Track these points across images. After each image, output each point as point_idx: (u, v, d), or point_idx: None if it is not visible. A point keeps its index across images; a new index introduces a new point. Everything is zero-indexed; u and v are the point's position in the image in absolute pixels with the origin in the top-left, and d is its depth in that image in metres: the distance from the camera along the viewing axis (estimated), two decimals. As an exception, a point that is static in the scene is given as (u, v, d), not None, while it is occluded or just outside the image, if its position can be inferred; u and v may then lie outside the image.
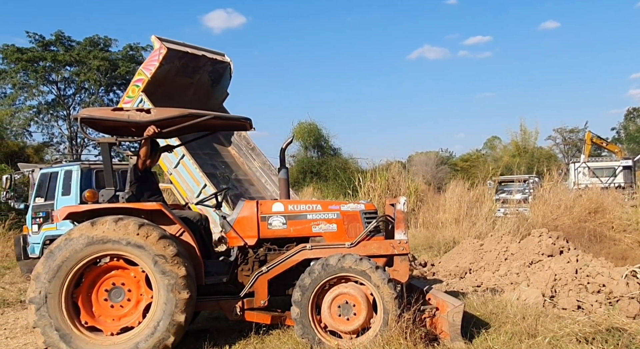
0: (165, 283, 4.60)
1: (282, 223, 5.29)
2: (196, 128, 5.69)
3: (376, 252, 5.24)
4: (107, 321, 4.71)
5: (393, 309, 4.75)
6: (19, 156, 23.32)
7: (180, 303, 4.60)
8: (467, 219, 12.64)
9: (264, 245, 5.32)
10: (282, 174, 5.75)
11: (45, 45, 30.12)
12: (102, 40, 31.63)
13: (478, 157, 40.90)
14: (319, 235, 5.33)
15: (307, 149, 30.67)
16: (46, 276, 4.50)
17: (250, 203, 5.35)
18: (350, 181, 19.07)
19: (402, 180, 18.04)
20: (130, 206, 4.96)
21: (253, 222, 5.26)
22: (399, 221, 5.30)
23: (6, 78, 29.37)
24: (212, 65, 11.94)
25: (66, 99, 31.59)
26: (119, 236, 4.58)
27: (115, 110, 5.00)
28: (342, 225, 5.35)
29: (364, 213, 5.42)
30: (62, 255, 4.53)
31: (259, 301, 5.13)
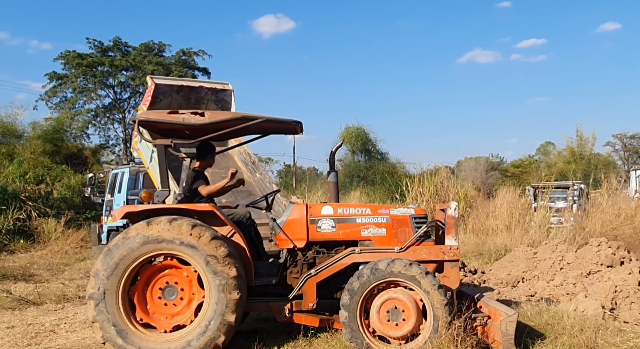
0: (216, 283, 4.67)
1: (331, 227, 5.29)
2: (249, 132, 5.74)
3: (426, 257, 5.16)
4: (160, 318, 4.82)
5: (443, 316, 4.66)
6: (77, 157, 24.30)
7: (231, 303, 4.66)
8: (519, 226, 12.27)
9: (312, 248, 5.32)
10: (332, 177, 5.74)
11: (104, 51, 31.38)
12: (157, 45, 32.68)
13: (530, 162, 39.71)
14: (367, 238, 5.30)
15: (354, 153, 30.64)
16: (105, 273, 4.65)
17: (300, 206, 5.38)
18: (398, 186, 18.90)
19: (450, 186, 17.74)
20: (184, 206, 5.07)
21: (302, 225, 5.28)
22: (449, 226, 5.21)
23: (67, 83, 30.74)
24: (215, 94, 12.11)
25: (122, 103, 32.77)
26: (173, 236, 4.68)
27: (171, 113, 5.11)
28: (392, 230, 5.30)
29: (414, 218, 5.37)
30: (119, 253, 4.67)
31: (308, 304, 5.13)
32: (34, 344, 5.62)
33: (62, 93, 31.11)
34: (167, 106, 10.92)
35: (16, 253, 12.99)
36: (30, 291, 8.47)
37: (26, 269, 10.60)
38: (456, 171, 23.84)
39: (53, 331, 6.13)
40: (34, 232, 14.48)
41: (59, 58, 30.63)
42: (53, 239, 14.40)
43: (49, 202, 16.41)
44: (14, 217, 14.15)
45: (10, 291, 8.13)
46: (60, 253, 13.42)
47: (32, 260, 12.00)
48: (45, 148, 21.96)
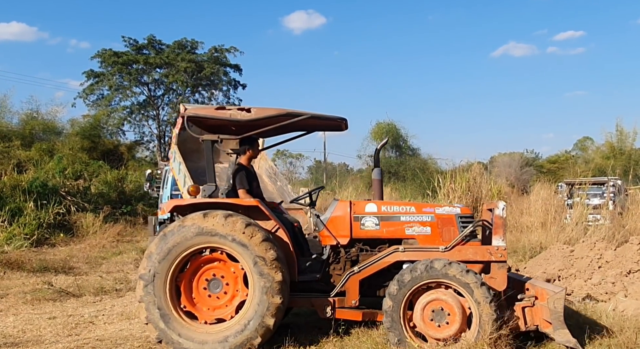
0: (261, 285, 4.72)
1: (375, 224, 5.27)
2: (294, 128, 5.77)
3: (472, 258, 5.08)
4: (203, 309, 4.92)
5: (489, 329, 4.56)
6: (113, 153, 24.87)
7: (272, 307, 4.71)
8: (555, 223, 12.00)
9: (356, 245, 5.32)
10: (376, 174, 5.72)
11: (139, 49, 32.00)
12: (189, 42, 33.12)
13: (567, 158, 38.69)
14: (412, 237, 5.26)
15: (385, 149, 30.44)
16: (157, 257, 4.77)
17: (344, 203, 5.40)
18: (430, 182, 18.71)
19: (483, 182, 17.43)
20: (230, 201, 5.15)
21: (346, 222, 5.28)
22: (497, 226, 5.10)
23: (104, 81, 31.47)
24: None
25: (156, 100, 33.38)
26: (227, 232, 4.76)
27: (218, 108, 5.21)
28: (437, 228, 5.24)
29: (460, 217, 5.28)
30: (173, 240, 4.78)
31: (350, 301, 5.12)
32: (74, 335, 5.78)
33: (99, 91, 31.88)
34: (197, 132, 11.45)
35: (56, 247, 13.38)
36: (70, 283, 8.73)
37: (66, 262, 10.91)
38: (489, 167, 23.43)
39: (92, 323, 6.31)
40: (72, 226, 14.89)
41: (96, 56, 31.43)
42: (91, 233, 14.78)
43: (87, 197, 16.84)
44: (55, 211, 14.57)
45: (51, 283, 8.39)
46: (98, 247, 13.77)
47: (71, 253, 12.35)
48: (83, 145, 22.55)
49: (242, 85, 35.11)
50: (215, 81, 33.72)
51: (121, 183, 19.40)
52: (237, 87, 34.96)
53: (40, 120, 23.56)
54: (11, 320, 6.42)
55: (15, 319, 6.45)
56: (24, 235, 12.61)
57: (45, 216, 14.18)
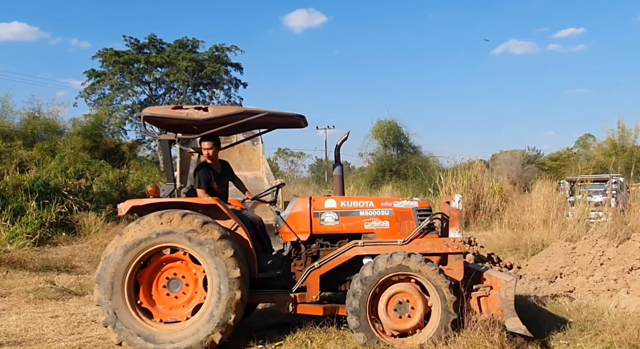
0: (219, 282, 4.74)
1: (334, 220, 5.32)
2: (253, 126, 5.80)
3: (429, 250, 5.17)
4: (160, 307, 4.92)
5: (451, 317, 4.72)
6: (115, 153, 24.83)
7: (232, 303, 4.73)
8: (556, 221, 11.99)
9: (316, 241, 5.37)
10: (337, 171, 5.75)
11: (140, 48, 32.04)
12: (190, 41, 33.15)
13: (569, 155, 38.67)
14: (371, 231, 5.32)
15: (386, 147, 30.48)
16: (114, 258, 4.76)
17: (304, 199, 5.44)
18: (431, 180, 18.71)
19: (485, 179, 17.46)
20: (188, 200, 5.15)
21: (306, 218, 5.33)
22: (453, 219, 5.20)
23: (105, 80, 31.52)
24: None
25: (157, 99, 33.39)
26: (183, 231, 4.77)
27: (175, 108, 5.22)
28: (395, 222, 5.31)
29: (417, 211, 5.37)
30: (130, 240, 4.78)
31: (311, 296, 5.19)
32: (77, 334, 5.80)
33: (100, 90, 31.96)
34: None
35: (59, 246, 13.38)
36: (72, 282, 8.74)
37: (68, 261, 10.92)
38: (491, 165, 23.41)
39: (94, 321, 6.31)
40: (75, 225, 14.89)
41: (97, 56, 31.51)
42: (93, 232, 14.77)
43: (88, 196, 16.82)
44: (57, 211, 14.58)
45: (53, 282, 8.39)
46: (100, 246, 13.75)
47: (73, 252, 12.35)
48: (84, 144, 22.54)
49: (243, 84, 35.20)
50: (217, 80, 33.75)
51: (123, 183, 19.36)
52: (238, 86, 35.05)
53: (42, 119, 23.55)
54: (14, 319, 6.43)
55: (17, 318, 6.47)
56: (26, 235, 12.61)
57: (48, 216, 14.18)
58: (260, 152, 13.18)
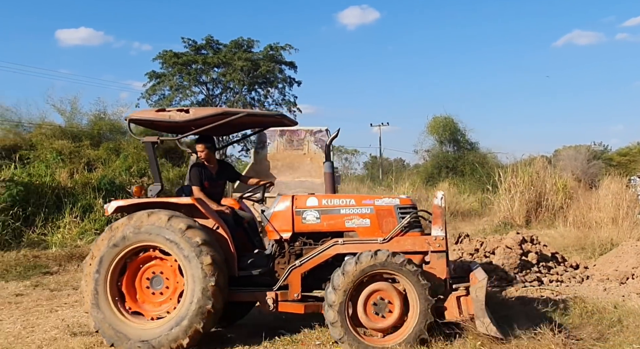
0: (192, 271, 4.82)
1: (316, 218, 5.31)
2: (237, 127, 5.90)
3: (410, 248, 5.09)
4: (149, 307, 5.07)
5: (427, 317, 4.65)
6: (174, 152, 25.60)
7: (207, 290, 4.79)
8: (627, 219, 11.38)
9: (299, 239, 5.36)
10: (327, 168, 5.74)
11: (197, 49, 32.88)
12: (246, 41, 33.69)
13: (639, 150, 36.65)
14: (352, 229, 5.30)
15: (442, 144, 29.94)
16: (93, 267, 4.98)
17: (286, 198, 5.44)
18: (490, 177, 18.22)
19: (547, 176, 16.81)
20: (167, 200, 5.25)
21: (288, 216, 5.33)
22: (436, 216, 5.09)
23: (165, 81, 32.56)
24: (312, 135, 13.83)
25: (214, 99, 34.17)
26: (151, 228, 4.92)
27: (159, 111, 5.36)
28: (376, 220, 5.25)
29: (399, 208, 5.28)
30: (103, 246, 4.99)
31: (293, 294, 5.16)
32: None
33: (160, 91, 32.98)
34: (274, 148, 13.63)
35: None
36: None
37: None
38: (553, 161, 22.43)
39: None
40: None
41: (157, 58, 32.56)
42: (155, 228, 15.30)
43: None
44: (122, 208, 15.20)
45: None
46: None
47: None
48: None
49: (298, 82, 35.43)
50: (271, 79, 34.14)
51: (182, 181, 19.97)
52: (293, 84, 35.30)
53: (107, 120, 24.57)
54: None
55: (89, 310, 6.77)
56: (94, 230, 13.22)
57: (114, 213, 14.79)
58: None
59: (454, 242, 9.28)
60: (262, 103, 34.69)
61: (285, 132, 13.79)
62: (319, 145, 13.53)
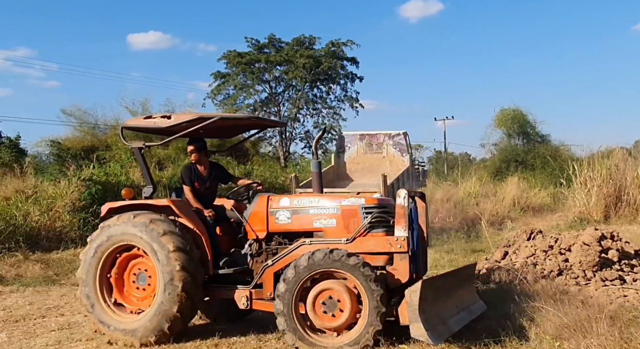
0: (164, 274, 5.08)
1: (287, 218, 5.39)
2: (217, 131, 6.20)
3: (373, 249, 5.05)
4: (133, 300, 5.41)
5: (377, 318, 4.58)
6: (239, 150, 26.18)
7: (175, 294, 5.03)
8: None
9: (274, 238, 5.45)
10: (314, 167, 5.80)
11: (260, 48, 33.41)
12: (307, 39, 33.89)
13: None
14: (319, 229, 5.32)
15: (510, 137, 28.95)
16: (87, 258, 5.43)
17: (263, 198, 5.55)
18: (563, 171, 17.39)
19: (628, 169, 15.81)
20: (147, 202, 5.57)
21: (263, 216, 5.46)
22: (399, 216, 4.98)
23: (229, 81, 33.32)
24: (391, 139, 14.14)
25: (277, 96, 34.65)
26: (133, 230, 5.23)
27: (146, 118, 5.73)
28: (341, 220, 5.24)
29: (364, 208, 5.21)
30: (93, 244, 5.43)
31: (266, 293, 5.23)
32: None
33: (225, 91, 33.79)
34: (354, 152, 14.19)
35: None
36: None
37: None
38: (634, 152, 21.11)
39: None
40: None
41: (222, 58, 33.36)
42: (222, 225, 15.67)
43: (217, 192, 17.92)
44: (191, 205, 15.70)
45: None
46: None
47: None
48: (212, 142, 23.89)
49: (360, 77, 35.24)
50: (333, 75, 34.16)
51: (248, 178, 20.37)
52: (354, 80, 35.15)
53: (176, 120, 25.52)
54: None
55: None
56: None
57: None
58: (408, 162, 13.94)
59: (526, 238, 8.89)
60: (324, 99, 34.82)
61: (365, 136, 14.32)
62: (398, 149, 13.91)
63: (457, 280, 5.57)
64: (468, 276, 5.98)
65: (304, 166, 27.96)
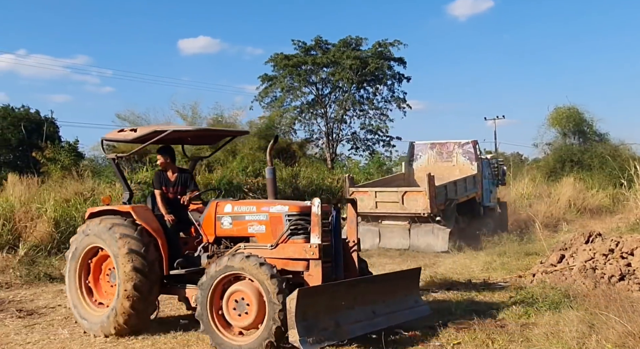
0: (119, 273, 5.62)
1: (229, 223, 5.71)
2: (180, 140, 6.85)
3: (292, 255, 5.27)
4: (109, 297, 5.96)
5: (277, 320, 4.74)
6: (286, 152, 26.45)
7: (128, 291, 5.54)
8: None
9: (222, 242, 5.78)
10: (268, 173, 6.11)
11: (307, 50, 33.53)
12: (354, 40, 33.77)
13: None
14: (252, 235, 5.61)
15: (565, 136, 27.97)
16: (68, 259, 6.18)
17: (213, 204, 5.87)
18: (623, 170, 16.61)
19: (699, 167, 14.92)
20: (115, 208, 6.07)
21: (212, 221, 5.81)
22: (313, 224, 5.18)
23: (276, 84, 33.64)
24: (461, 147, 14.81)
25: (323, 98, 34.67)
26: (99, 233, 5.84)
27: (119, 131, 6.38)
28: (269, 227, 5.47)
29: (287, 215, 5.41)
30: (74, 245, 6.11)
31: None
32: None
33: (272, 93, 34.07)
34: (425, 161, 15.17)
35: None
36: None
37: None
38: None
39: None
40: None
41: (269, 61, 33.69)
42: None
43: (265, 194, 18.08)
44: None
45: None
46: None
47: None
48: (260, 144, 24.33)
49: (407, 78, 34.83)
50: (380, 76, 33.89)
51: (295, 180, 20.45)
52: (402, 81, 34.77)
53: (224, 123, 26.00)
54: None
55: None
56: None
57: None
58: (477, 170, 14.45)
59: (584, 241, 8.53)
60: (371, 101, 34.58)
61: (436, 145, 15.07)
62: (467, 157, 14.53)
63: (386, 285, 5.68)
64: (405, 280, 6.01)
65: (350, 167, 27.92)
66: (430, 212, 12.22)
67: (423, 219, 12.46)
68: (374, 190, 13.42)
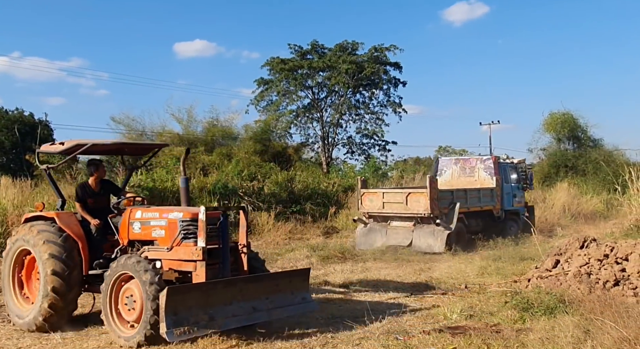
0: (42, 275, 6.15)
1: (139, 228, 6.21)
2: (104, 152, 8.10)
3: (183, 257, 5.82)
4: (35, 293, 6.40)
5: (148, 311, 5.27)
6: (282, 155, 26.38)
7: (46, 293, 6.07)
8: None
9: (135, 245, 6.25)
10: (182, 183, 6.55)
11: (303, 55, 33.55)
12: (350, 44, 33.81)
13: None
14: (155, 239, 6.09)
15: (560, 141, 28.03)
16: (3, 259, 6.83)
17: (128, 210, 6.36)
18: (618, 176, 16.68)
19: (691, 173, 14.99)
20: (43, 214, 6.62)
21: (126, 226, 6.31)
22: (199, 229, 5.69)
23: (272, 87, 33.62)
24: (482, 162, 15.29)
25: (319, 102, 34.66)
26: (27, 238, 6.40)
27: (51, 144, 6.94)
28: (168, 231, 5.97)
29: (181, 221, 5.89)
30: (7, 247, 6.76)
31: None
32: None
33: (268, 97, 34.02)
34: (449, 176, 15.66)
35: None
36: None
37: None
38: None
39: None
40: (250, 224, 16.06)
41: (265, 65, 33.63)
42: (266, 231, 15.80)
43: (261, 197, 18.02)
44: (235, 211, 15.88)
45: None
46: (272, 244, 14.68)
47: (250, 249, 13.29)
48: (255, 148, 24.29)
49: (403, 82, 34.90)
50: (376, 80, 33.93)
51: (290, 184, 20.38)
52: (398, 85, 34.83)
53: (220, 127, 25.95)
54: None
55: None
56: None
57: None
58: (496, 185, 14.82)
59: (579, 247, 8.53)
60: (367, 105, 34.62)
61: (459, 161, 15.90)
62: (488, 172, 15.05)
63: (271, 283, 6.10)
64: (293, 279, 6.39)
65: (346, 171, 27.89)
66: (431, 213, 12.72)
67: (426, 220, 13.04)
68: (381, 191, 14.46)
